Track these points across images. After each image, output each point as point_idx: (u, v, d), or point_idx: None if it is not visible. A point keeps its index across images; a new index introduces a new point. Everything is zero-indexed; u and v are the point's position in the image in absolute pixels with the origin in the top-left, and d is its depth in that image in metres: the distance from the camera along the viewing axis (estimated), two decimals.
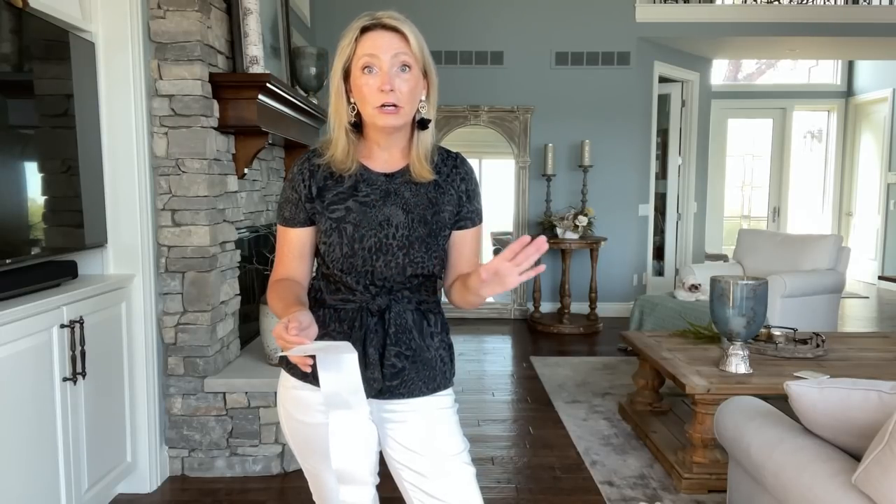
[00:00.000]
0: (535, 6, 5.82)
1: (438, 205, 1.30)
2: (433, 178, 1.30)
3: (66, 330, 2.04)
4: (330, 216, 1.28)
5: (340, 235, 1.26)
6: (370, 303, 1.29)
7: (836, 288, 4.28)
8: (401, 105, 1.21)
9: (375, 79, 1.20)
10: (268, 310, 2.77)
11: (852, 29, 5.94)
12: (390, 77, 1.20)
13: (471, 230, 1.35)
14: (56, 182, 2.14)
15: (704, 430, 2.55)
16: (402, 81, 1.21)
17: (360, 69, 1.21)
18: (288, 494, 2.55)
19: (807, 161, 9.18)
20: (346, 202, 1.28)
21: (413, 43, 1.22)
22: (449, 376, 1.38)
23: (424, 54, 1.24)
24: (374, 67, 1.20)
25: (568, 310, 5.55)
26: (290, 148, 3.76)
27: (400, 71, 1.21)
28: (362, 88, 1.21)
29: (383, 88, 1.19)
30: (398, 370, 1.30)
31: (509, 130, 5.79)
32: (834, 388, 1.53)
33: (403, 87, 1.21)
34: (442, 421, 1.34)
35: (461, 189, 1.33)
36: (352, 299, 1.29)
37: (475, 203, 1.35)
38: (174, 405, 2.67)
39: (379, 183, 1.29)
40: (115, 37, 2.40)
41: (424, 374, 1.33)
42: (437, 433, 1.33)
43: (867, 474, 1.31)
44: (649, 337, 3.33)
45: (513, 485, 2.65)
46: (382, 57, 1.20)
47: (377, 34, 1.21)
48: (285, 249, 1.34)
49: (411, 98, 1.23)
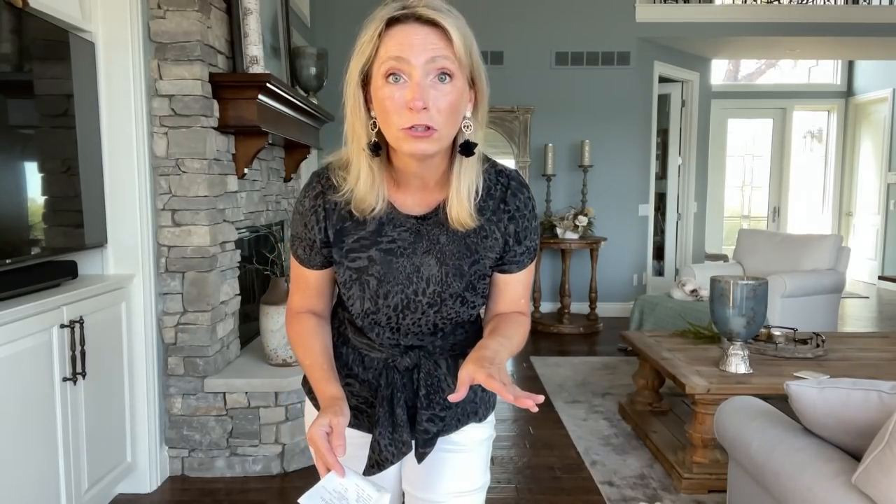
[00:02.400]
0: (535, 6, 5.82)
1: (479, 252, 1.05)
2: (476, 223, 1.02)
3: (66, 330, 2.04)
4: (350, 265, 1.05)
5: (362, 290, 1.05)
6: (397, 360, 1.10)
7: (836, 288, 4.28)
8: (435, 127, 0.90)
9: (403, 91, 0.90)
10: (268, 309, 2.78)
11: (852, 29, 5.94)
12: (422, 89, 0.89)
13: (516, 274, 1.10)
14: (56, 182, 2.14)
15: (704, 430, 2.55)
16: (439, 95, 0.90)
17: (382, 76, 0.91)
18: (288, 494, 2.55)
19: (807, 161, 9.18)
20: (368, 250, 1.04)
21: (457, 42, 0.90)
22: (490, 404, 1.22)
23: (473, 58, 0.94)
24: (402, 76, 0.90)
25: (568, 310, 5.55)
26: (290, 148, 3.76)
27: (437, 81, 0.90)
28: (384, 102, 0.91)
29: (413, 106, 0.88)
30: (432, 435, 1.11)
31: (509, 130, 5.79)
32: (834, 388, 1.53)
33: (441, 102, 0.90)
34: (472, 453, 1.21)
35: (509, 231, 1.06)
36: (377, 349, 1.12)
37: (526, 244, 1.08)
38: (174, 405, 2.67)
39: (408, 224, 1.04)
40: (115, 37, 2.40)
41: (463, 416, 1.17)
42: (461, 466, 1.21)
43: (867, 474, 1.31)
44: (649, 337, 3.33)
45: (513, 485, 2.65)
46: (413, 62, 0.89)
47: (408, 28, 0.90)
48: (302, 286, 1.13)
49: (451, 118, 0.92)
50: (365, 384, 1.14)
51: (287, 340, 2.75)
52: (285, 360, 2.81)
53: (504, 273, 1.09)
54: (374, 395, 1.12)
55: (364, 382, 1.15)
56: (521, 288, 1.11)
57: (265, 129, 2.79)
